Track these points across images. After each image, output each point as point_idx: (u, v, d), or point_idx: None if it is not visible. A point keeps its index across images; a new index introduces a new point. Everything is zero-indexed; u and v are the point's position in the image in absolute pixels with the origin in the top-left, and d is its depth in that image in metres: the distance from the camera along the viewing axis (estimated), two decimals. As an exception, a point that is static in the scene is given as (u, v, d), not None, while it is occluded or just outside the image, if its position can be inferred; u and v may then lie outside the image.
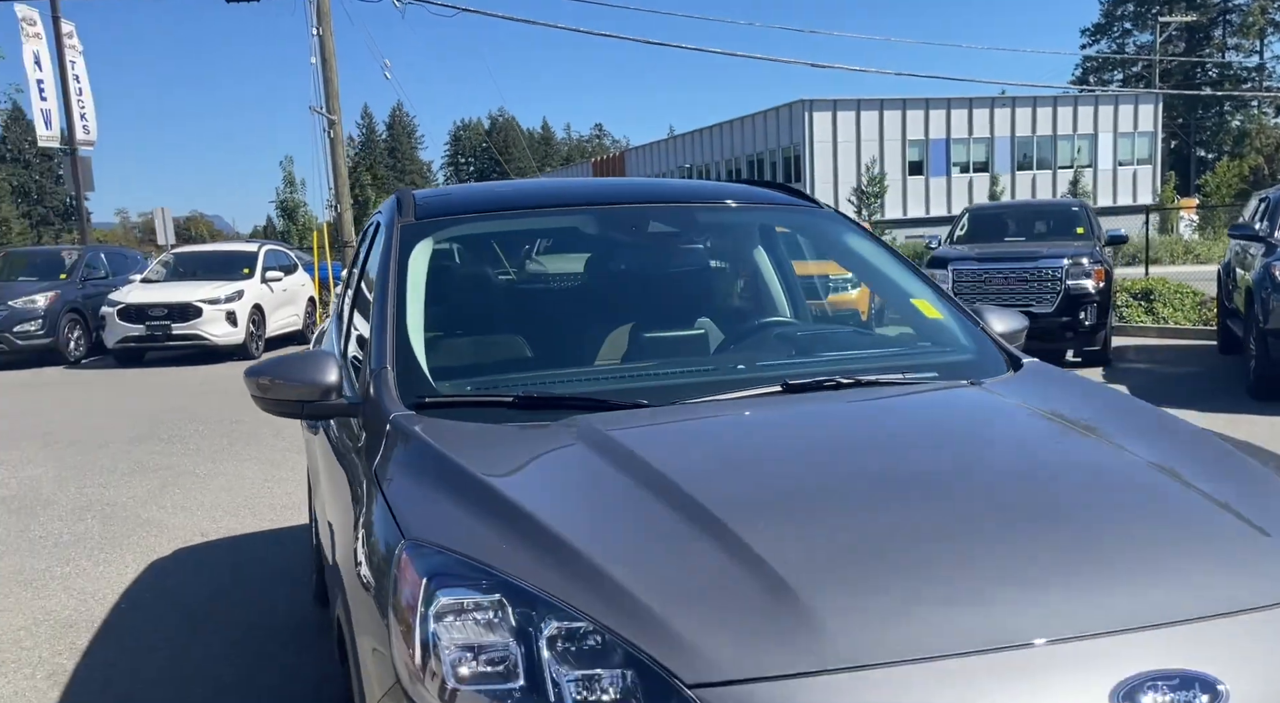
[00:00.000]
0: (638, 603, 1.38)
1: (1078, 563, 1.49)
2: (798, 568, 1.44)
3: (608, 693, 1.31)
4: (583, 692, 1.32)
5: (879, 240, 3.12)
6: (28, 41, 18.01)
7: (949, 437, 2.07)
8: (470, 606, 1.43)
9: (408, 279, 2.48)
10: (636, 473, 1.74)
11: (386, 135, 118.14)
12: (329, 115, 19.53)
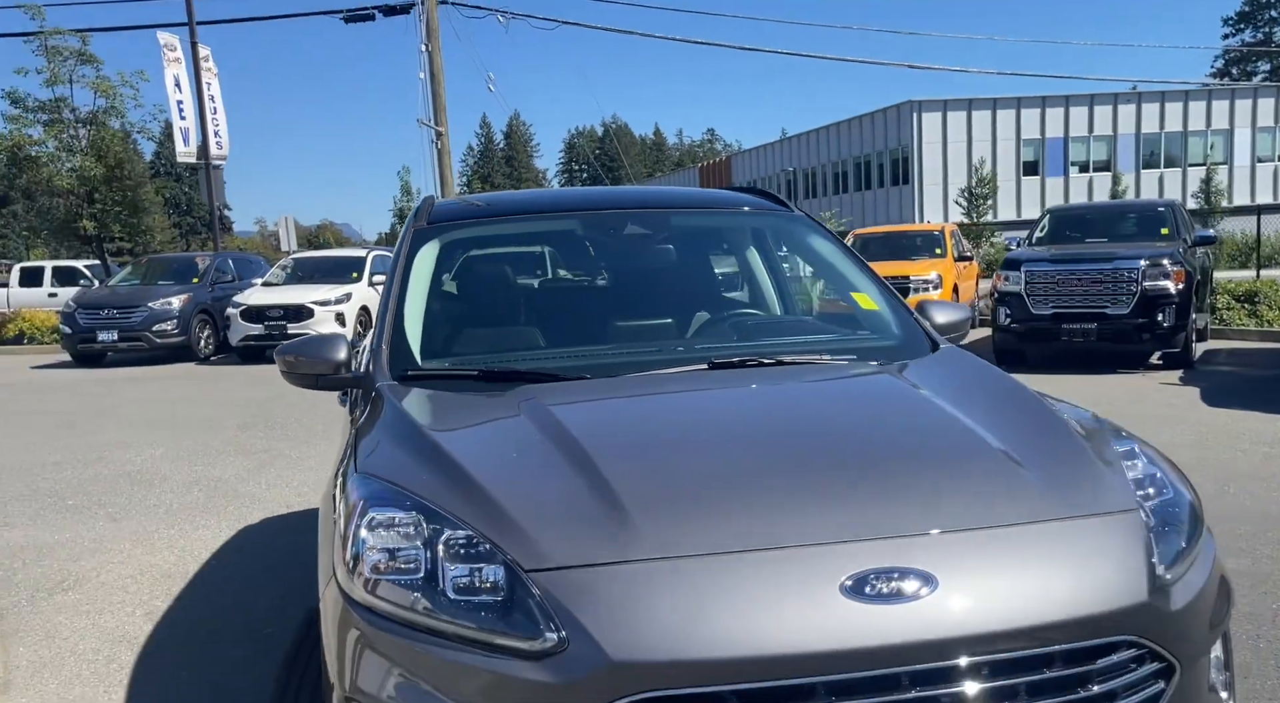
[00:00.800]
0: (507, 517, 1.84)
1: (851, 492, 1.90)
2: (633, 492, 1.88)
3: (476, 579, 1.77)
4: (461, 579, 1.78)
5: (838, 241, 3.48)
6: (169, 66, 19.66)
7: (814, 404, 2.46)
8: (393, 521, 1.91)
9: (411, 274, 3.00)
10: (546, 426, 2.20)
11: (504, 144, 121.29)
12: (436, 127, 20.58)
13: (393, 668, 1.75)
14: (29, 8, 19.73)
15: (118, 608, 4.27)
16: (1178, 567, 1.92)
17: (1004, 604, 1.71)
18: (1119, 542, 1.87)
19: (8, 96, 19.95)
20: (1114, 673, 1.76)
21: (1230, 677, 2.12)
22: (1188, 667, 1.84)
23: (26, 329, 18.93)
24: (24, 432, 9.05)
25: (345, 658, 1.84)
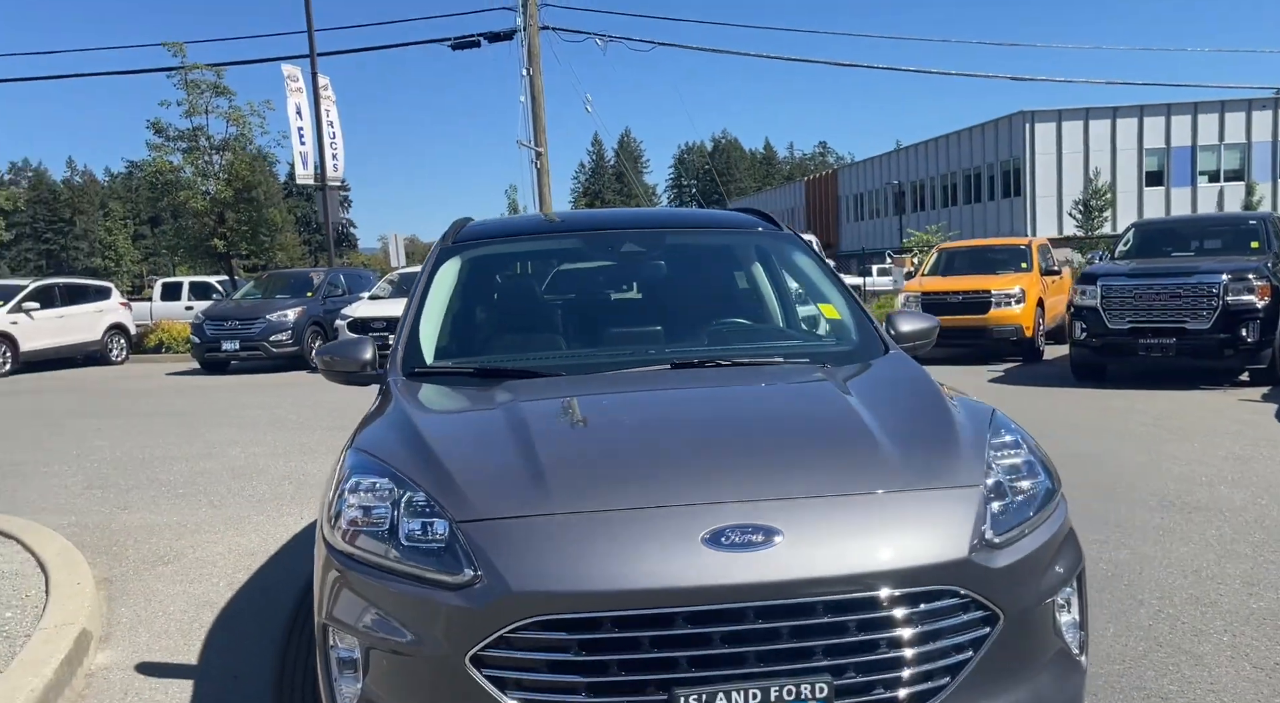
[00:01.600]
0: (453, 483, 2.30)
1: (730, 466, 2.32)
2: (554, 464, 2.31)
3: (424, 531, 2.23)
4: (414, 531, 2.24)
5: (819, 258, 3.84)
6: (291, 95, 21.15)
7: (738, 397, 2.86)
8: (370, 486, 2.39)
9: (433, 285, 3.52)
10: (509, 413, 2.66)
11: (615, 161, 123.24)
12: (536, 147, 21.43)
13: (359, 600, 2.23)
14: (171, 45, 21.54)
15: (206, 579, 4.92)
16: (1011, 534, 2.24)
17: (838, 555, 2.08)
18: (950, 511, 2.20)
19: (153, 126, 21.81)
20: (938, 616, 2.10)
21: (1083, 635, 2.41)
22: (1012, 616, 2.16)
23: (165, 339, 20.59)
24: (150, 430, 10.05)
25: (325, 594, 2.33)
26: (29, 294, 18.17)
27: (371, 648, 2.18)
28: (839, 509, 2.18)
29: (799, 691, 2.00)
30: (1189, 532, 5.05)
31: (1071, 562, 2.41)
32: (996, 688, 2.16)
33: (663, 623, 2.01)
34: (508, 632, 2.01)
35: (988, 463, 2.40)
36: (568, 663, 2.01)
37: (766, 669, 2.01)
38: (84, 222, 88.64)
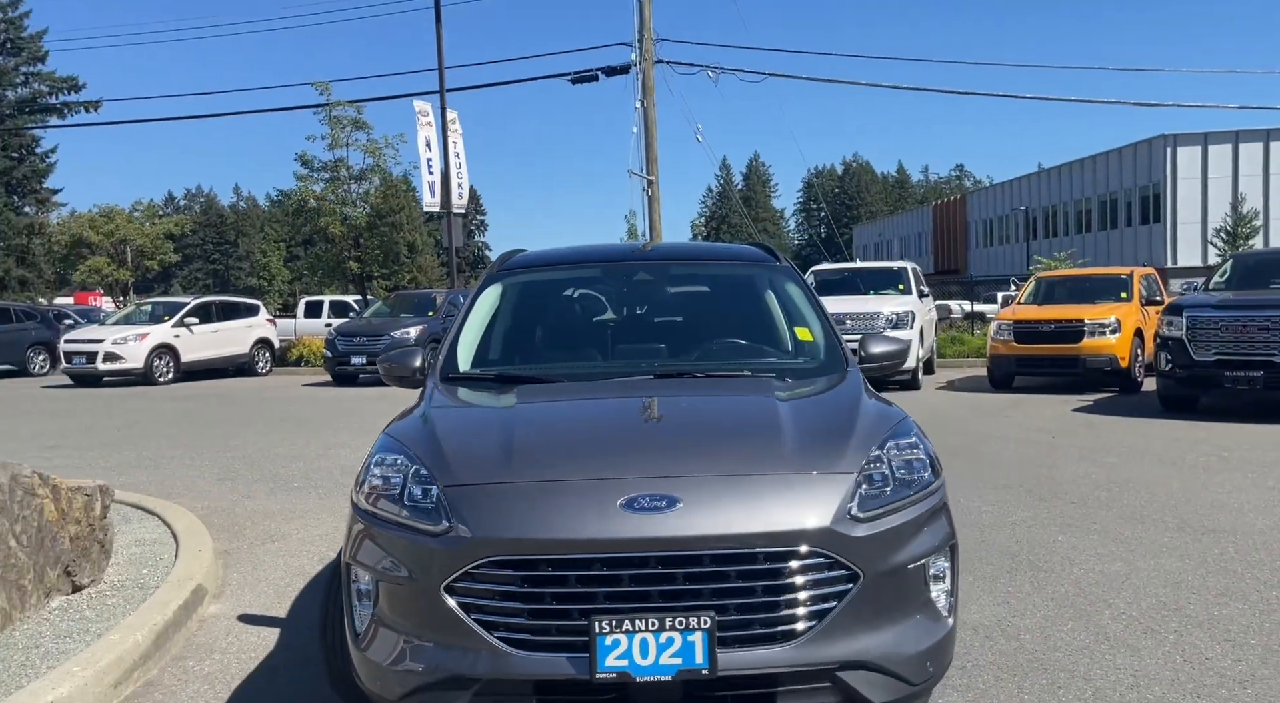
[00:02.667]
0: (445, 459, 2.99)
1: (655, 452, 2.94)
2: (523, 446, 2.99)
3: (422, 494, 2.91)
4: (414, 493, 2.94)
5: (807, 288, 4.40)
6: (421, 129, 22.75)
7: (692, 401, 3.47)
8: (391, 462, 3.10)
9: (476, 304, 4.27)
10: (507, 407, 3.35)
11: (743, 185, 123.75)
12: (648, 176, 22.30)
13: (374, 546, 2.94)
14: (318, 84, 23.54)
15: (303, 554, 5.80)
16: (875, 512, 2.77)
17: (724, 519, 2.67)
18: (822, 491, 2.76)
19: (299, 159, 23.83)
20: (805, 571, 2.66)
21: (952, 599, 2.92)
22: (871, 576, 2.69)
23: (304, 353, 22.38)
24: (279, 433, 11.25)
25: (350, 541, 3.05)
26: (189, 311, 20.17)
27: (380, 581, 2.88)
28: (730, 485, 2.77)
29: (688, 621, 2.59)
30: (1190, 550, 5.31)
31: (940, 538, 2.92)
32: (858, 631, 2.69)
33: (585, 566, 2.64)
34: (471, 568, 2.68)
35: (869, 457, 2.93)
36: (513, 593, 2.66)
37: (663, 605, 2.62)
38: (246, 244, 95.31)
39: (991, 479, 7.42)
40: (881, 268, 17.23)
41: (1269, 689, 3.50)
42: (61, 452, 9.98)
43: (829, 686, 2.69)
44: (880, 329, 13.96)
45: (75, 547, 4.63)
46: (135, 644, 3.93)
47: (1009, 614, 4.35)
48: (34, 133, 49.66)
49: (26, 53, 50.80)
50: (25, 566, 4.29)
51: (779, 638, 2.66)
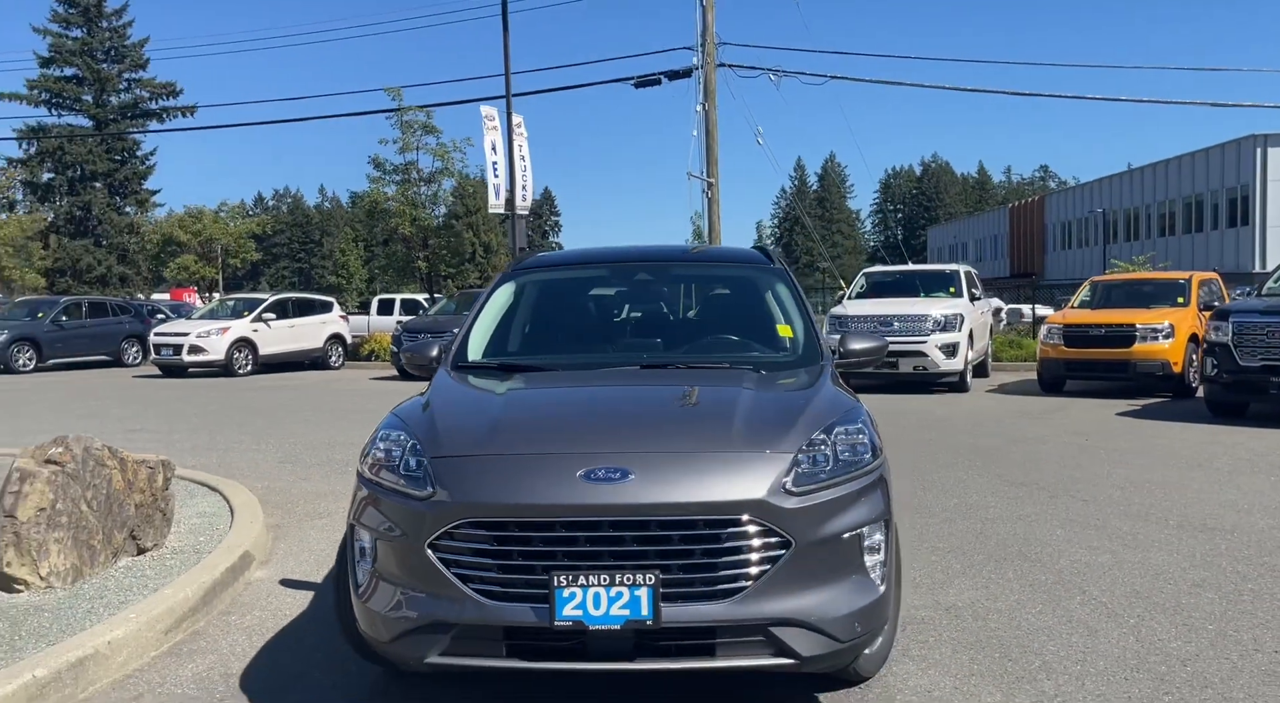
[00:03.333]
0: (436, 434, 3.40)
1: (617, 431, 3.31)
2: (504, 424, 3.39)
3: (415, 465, 3.32)
4: (408, 463, 3.35)
5: (795, 289, 4.70)
6: (487, 133, 23.44)
7: (667, 388, 3.83)
8: (393, 438, 3.52)
9: (490, 300, 4.69)
10: (497, 393, 3.75)
11: (818, 186, 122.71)
12: (708, 179, 22.61)
13: (374, 510, 3.36)
14: (391, 90, 24.45)
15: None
16: (809, 488, 3.09)
17: (670, 490, 3.02)
18: (760, 468, 3.09)
19: (373, 162, 24.78)
20: (741, 537, 2.99)
21: (886, 568, 3.23)
22: (803, 544, 3.01)
23: (375, 349, 23.28)
24: (342, 423, 11.90)
25: (355, 506, 3.48)
26: (266, 307, 21.18)
27: (378, 540, 3.31)
28: (678, 461, 3.12)
29: (635, 578, 2.95)
30: (1181, 545, 5.47)
31: (876, 513, 3.23)
32: (790, 592, 3.01)
33: (546, 528, 3.03)
34: (450, 528, 3.08)
35: (811, 440, 3.25)
36: (485, 551, 3.06)
37: (614, 563, 2.98)
38: (329, 243, 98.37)
39: (1010, 478, 7.59)
40: (933, 270, 17.26)
41: (1208, 668, 3.71)
42: (143, 435, 10.77)
43: (762, 639, 3.03)
44: (928, 331, 14.08)
45: (140, 514, 5.19)
46: (185, 599, 4.45)
47: (984, 598, 4.61)
48: (135, 136, 52.20)
49: (129, 60, 53.46)
50: (95, 527, 4.85)
51: (717, 595, 3.00)
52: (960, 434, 10.05)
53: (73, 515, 4.73)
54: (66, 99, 52.26)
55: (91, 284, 45.15)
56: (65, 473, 4.76)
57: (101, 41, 52.54)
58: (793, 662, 3.04)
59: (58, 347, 22.24)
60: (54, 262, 44.41)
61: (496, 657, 3.07)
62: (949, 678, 3.67)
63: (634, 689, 3.54)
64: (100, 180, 50.93)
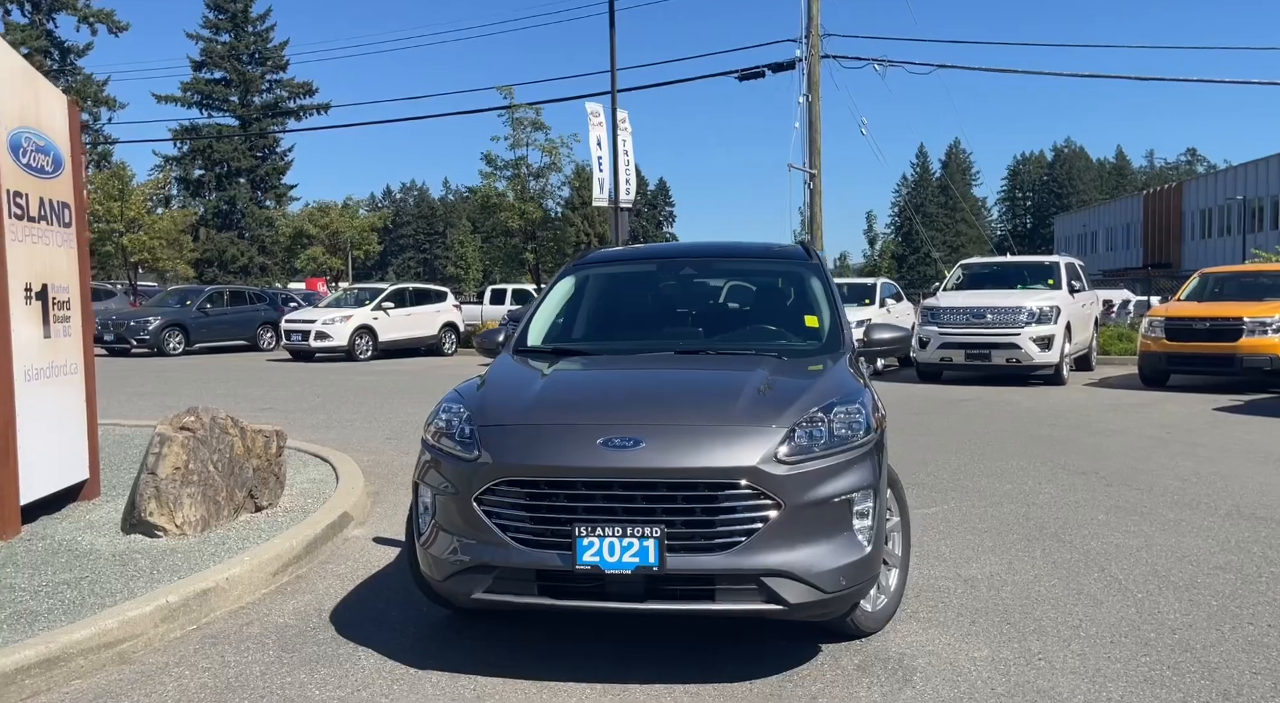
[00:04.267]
0: (487, 407, 3.97)
1: (637, 408, 3.80)
2: (543, 399, 3.94)
3: (468, 433, 3.90)
4: (462, 431, 3.92)
5: (827, 282, 5.09)
6: (593, 129, 24.18)
7: (694, 372, 4.30)
8: (453, 410, 4.11)
9: (552, 292, 5.26)
10: (543, 373, 4.31)
11: (941, 173, 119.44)
12: (810, 170, 22.75)
13: (434, 470, 3.96)
14: (502, 89, 25.48)
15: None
16: (799, 458, 3.53)
17: (676, 457, 3.50)
18: (755, 439, 3.54)
19: (485, 158, 25.90)
20: (737, 499, 3.46)
21: (873, 532, 3.64)
22: (791, 506, 3.45)
23: (487, 337, 24.32)
24: (448, 405, 12.73)
25: (418, 467, 4.09)
26: (386, 296, 22.51)
27: (437, 496, 3.90)
28: (684, 432, 3.59)
29: (644, 531, 3.45)
30: (1221, 532, 5.61)
31: (864, 481, 3.63)
32: (780, 547, 3.45)
33: (569, 487, 3.56)
34: (492, 485, 3.65)
35: (808, 417, 3.68)
36: (520, 505, 3.61)
37: (626, 518, 3.49)
38: (452, 234, 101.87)
39: (1072, 467, 7.74)
40: (1032, 262, 17.03)
41: (1195, 636, 3.97)
42: (270, 412, 11.84)
43: (755, 588, 3.48)
44: (1022, 324, 14.02)
45: (257, 476, 5.98)
46: (290, 548, 5.18)
47: (1003, 571, 4.92)
48: (275, 134, 55.42)
49: (271, 62, 56.78)
50: (220, 485, 5.65)
51: (715, 548, 3.48)
52: (1040, 425, 10.13)
53: (202, 474, 5.53)
54: (215, 100, 55.93)
55: (235, 274, 48.36)
56: (196, 438, 5.57)
57: (247, 45, 55.93)
58: (782, 608, 3.49)
59: (203, 331, 24.11)
60: (202, 253, 47.74)
61: (530, 595, 3.62)
62: (945, 636, 4.05)
63: (657, 635, 4.05)
64: (244, 176, 54.40)
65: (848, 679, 3.64)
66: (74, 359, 6.15)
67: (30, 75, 5.87)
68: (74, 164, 6.27)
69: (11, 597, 4.35)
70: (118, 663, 3.90)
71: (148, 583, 4.56)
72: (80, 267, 6.30)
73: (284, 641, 4.14)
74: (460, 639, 4.14)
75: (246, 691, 3.63)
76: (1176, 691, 3.50)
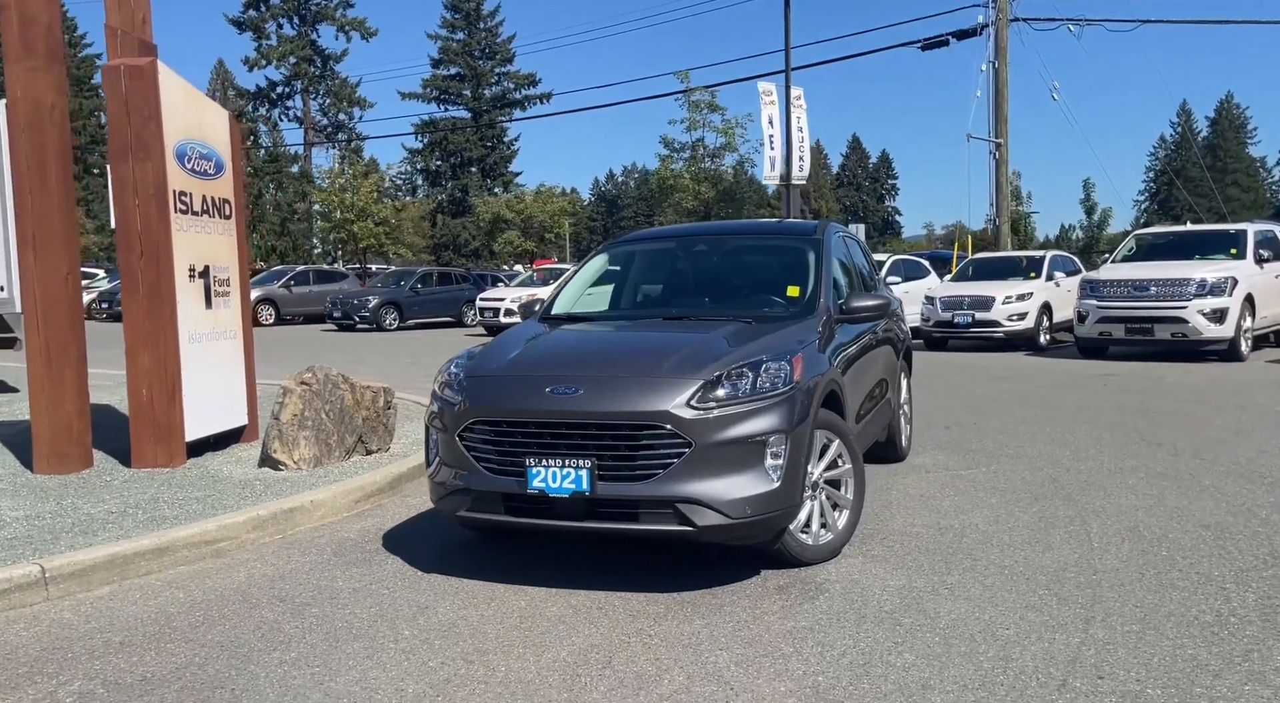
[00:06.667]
0: (477, 363, 4.78)
1: (586, 362, 4.50)
2: (521, 355, 4.72)
3: (458, 382, 4.72)
4: (456, 382, 4.73)
5: (820, 255, 5.52)
6: (765, 108, 24.44)
7: (666, 334, 4.92)
8: (456, 364, 4.95)
9: (583, 269, 6.01)
10: (538, 335, 5.08)
11: (1208, 132, 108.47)
12: (995, 140, 22.01)
13: (436, 413, 4.82)
14: (679, 74, 26.29)
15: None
16: (710, 405, 4.10)
17: (607, 402, 4.17)
18: (674, 388, 4.13)
19: (662, 141, 26.86)
20: (655, 438, 4.08)
21: (783, 470, 4.15)
22: (701, 445, 4.04)
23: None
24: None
25: (429, 409, 4.94)
26: (568, 276, 23.94)
27: (439, 434, 4.76)
28: (616, 382, 4.24)
29: (579, 463, 4.15)
30: (1243, 498, 5.58)
31: (777, 425, 4.14)
32: (692, 479, 4.04)
33: (523, 427, 4.31)
34: (469, 424, 4.45)
35: (730, 370, 4.23)
36: (489, 440, 4.39)
37: (565, 452, 4.19)
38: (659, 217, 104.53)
39: (1153, 438, 7.61)
40: (1214, 230, 15.84)
41: (1109, 577, 4.21)
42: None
43: (670, 512, 4.11)
44: (1189, 296, 13.28)
45: (366, 425, 7.14)
46: (374, 481, 6.26)
47: (984, 522, 5.21)
48: (503, 124, 59.23)
49: (499, 56, 60.62)
50: (331, 430, 6.83)
51: (637, 478, 4.13)
52: (1160, 400, 9.79)
53: (315, 421, 6.73)
54: (450, 95, 60.48)
55: (467, 257, 52.30)
56: (311, 391, 6.77)
57: (479, 41, 60.02)
58: (691, 530, 4.10)
59: (414, 309, 26.63)
60: (439, 238, 52.07)
61: (498, 514, 4.42)
62: (879, 568, 4.48)
63: (623, 556, 4.75)
64: (475, 165, 58.52)
65: (761, 595, 4.20)
66: (233, 327, 7.55)
67: (194, 96, 7.26)
68: (235, 168, 7.66)
69: (154, 507, 5.64)
70: (214, 556, 5.06)
71: (255, 502, 5.75)
72: (240, 252, 7.69)
73: (340, 549, 5.16)
74: (467, 553, 5.01)
75: (293, 579, 4.66)
76: (1044, 614, 3.82)
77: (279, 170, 52.35)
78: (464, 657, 3.63)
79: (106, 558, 4.65)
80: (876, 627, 3.78)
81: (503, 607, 4.17)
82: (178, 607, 4.27)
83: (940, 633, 3.69)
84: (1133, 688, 3.17)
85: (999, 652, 3.49)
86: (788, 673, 3.39)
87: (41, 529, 5.12)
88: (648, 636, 3.79)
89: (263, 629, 3.97)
